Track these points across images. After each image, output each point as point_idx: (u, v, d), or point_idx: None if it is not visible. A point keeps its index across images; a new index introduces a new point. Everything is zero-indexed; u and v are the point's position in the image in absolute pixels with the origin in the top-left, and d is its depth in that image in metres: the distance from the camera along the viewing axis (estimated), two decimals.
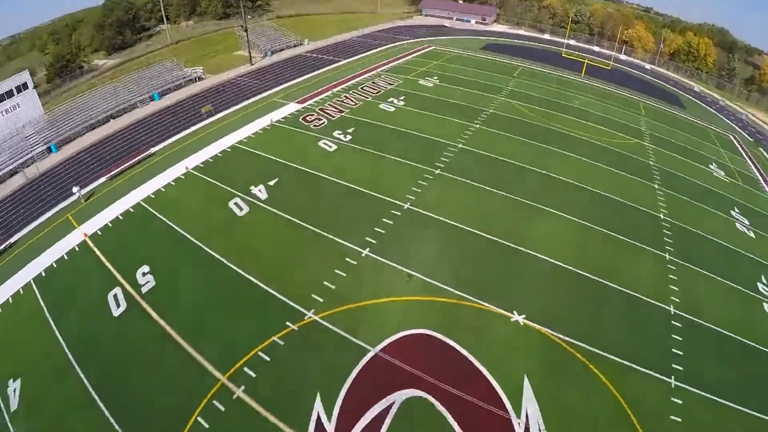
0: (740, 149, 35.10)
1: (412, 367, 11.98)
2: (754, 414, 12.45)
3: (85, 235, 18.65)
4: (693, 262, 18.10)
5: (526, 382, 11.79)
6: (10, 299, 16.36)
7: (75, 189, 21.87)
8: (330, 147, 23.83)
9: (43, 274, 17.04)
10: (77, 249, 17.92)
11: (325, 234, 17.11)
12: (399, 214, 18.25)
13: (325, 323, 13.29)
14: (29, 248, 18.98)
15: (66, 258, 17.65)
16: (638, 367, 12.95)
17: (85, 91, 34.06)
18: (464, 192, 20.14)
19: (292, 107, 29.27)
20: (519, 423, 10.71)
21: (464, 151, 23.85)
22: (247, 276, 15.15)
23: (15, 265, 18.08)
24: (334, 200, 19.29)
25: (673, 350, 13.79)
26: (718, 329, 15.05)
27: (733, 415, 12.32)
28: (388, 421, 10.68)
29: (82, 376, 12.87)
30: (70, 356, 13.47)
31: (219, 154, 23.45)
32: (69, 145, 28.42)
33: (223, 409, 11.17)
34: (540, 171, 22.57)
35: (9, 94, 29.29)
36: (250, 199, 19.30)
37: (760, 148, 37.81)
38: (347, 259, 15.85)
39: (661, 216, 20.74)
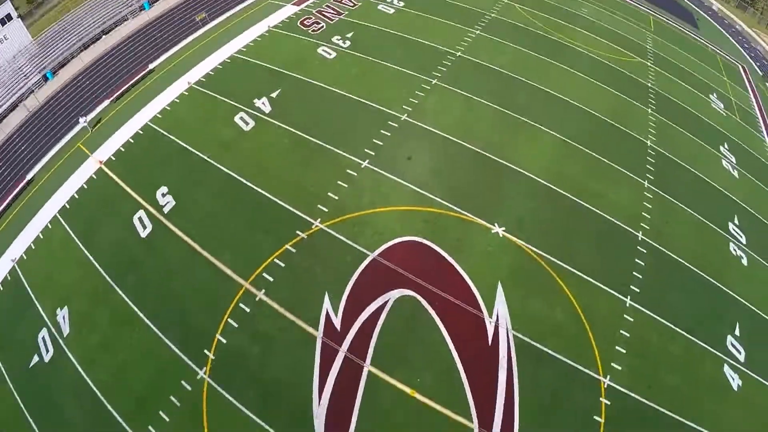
0: (746, 82, 33.73)
1: (404, 270, 13.88)
2: (697, 342, 14.67)
3: (100, 162, 19.14)
4: (670, 192, 19.24)
5: (499, 287, 13.76)
6: (41, 235, 17.65)
7: (81, 119, 21.68)
8: (329, 54, 23.16)
9: (67, 206, 18.02)
10: (95, 177, 18.62)
11: (328, 146, 17.72)
12: (396, 126, 18.68)
13: (330, 231, 14.80)
14: (47, 183, 19.69)
15: (86, 187, 18.47)
16: (599, 284, 14.93)
17: (71, 9, 30.97)
18: (459, 104, 20.17)
19: (289, 10, 27.49)
20: (491, 321, 12.85)
21: (462, 60, 23.12)
22: (259, 190, 16.27)
23: (37, 201, 19.00)
24: (334, 111, 19.62)
25: (634, 273, 15.65)
26: (681, 260, 16.81)
27: (677, 340, 14.58)
28: (383, 315, 12.79)
29: (122, 294, 14.74)
30: (108, 278, 15.20)
31: (219, 66, 22.82)
32: (65, 69, 27.04)
33: (248, 310, 13.13)
34: (535, 85, 22.15)
35: None
36: (255, 113, 19.48)
37: None
38: (348, 171, 16.85)
39: (648, 143, 21.15)
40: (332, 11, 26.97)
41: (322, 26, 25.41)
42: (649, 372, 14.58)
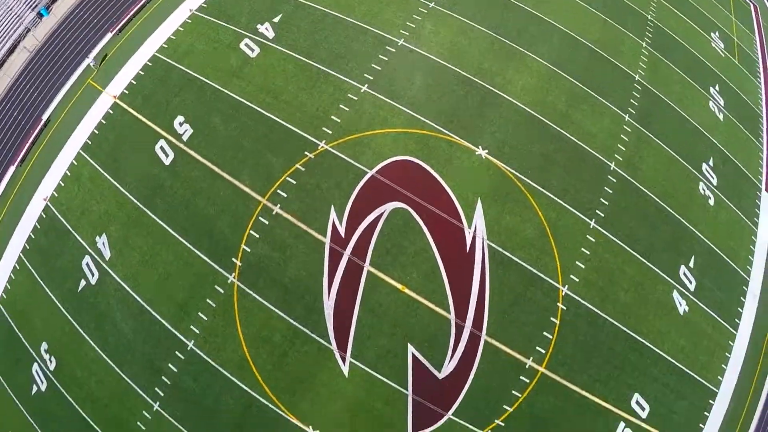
0: (755, 23, 31.60)
1: (398, 186, 15.69)
2: (651, 267, 16.90)
3: (114, 97, 19.51)
4: (649, 128, 20.30)
5: (479, 203, 15.64)
6: (68, 172, 18.70)
7: (88, 60, 21.11)
8: None
9: (89, 142, 18.82)
10: (111, 112, 19.14)
11: (330, 71, 18.27)
12: (394, 50, 19.14)
13: (334, 151, 16.43)
14: (64, 122, 20.10)
15: (104, 122, 19.10)
16: (568, 206, 16.81)
17: None
18: (454, 29, 20.14)
19: None
20: (469, 232, 14.92)
21: None
22: (269, 115, 17.38)
23: (58, 141, 19.59)
24: (335, 36, 19.80)
25: (601, 199, 17.43)
26: (648, 192, 18.51)
27: (633, 262, 16.80)
28: (380, 224, 14.84)
29: (153, 216, 16.43)
30: (139, 204, 16.89)
31: None
32: (58, 5, 25.07)
33: (267, 223, 15.11)
34: (531, 11, 21.64)
35: None
36: (259, 39, 19.63)
37: None
38: (349, 95, 17.75)
39: (636, 77, 21.45)
40: None
41: None
42: (604, 287, 17.11)
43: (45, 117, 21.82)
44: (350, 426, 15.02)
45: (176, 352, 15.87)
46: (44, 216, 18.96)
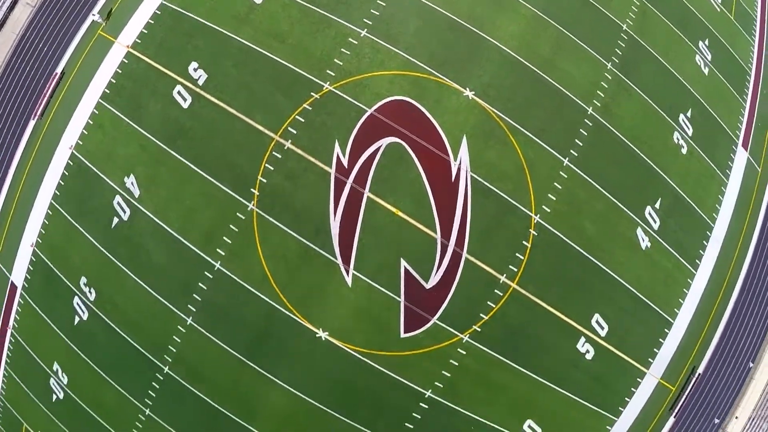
0: None
1: (394, 123, 18.98)
2: (618, 204, 20.29)
3: (127, 47, 21.62)
4: (630, 76, 23.17)
5: (464, 139, 19.11)
6: (90, 120, 21.25)
7: (93, 16, 22.99)
8: None
9: (107, 91, 21.14)
10: (126, 61, 21.39)
11: (331, 16, 21.04)
12: None
13: (337, 92, 19.41)
14: (80, 73, 22.32)
15: (120, 72, 21.30)
16: (544, 145, 20.22)
17: None
18: None
19: None
20: (454, 164, 18.60)
21: None
22: (276, 58, 20.12)
23: (76, 92, 21.95)
24: None
25: (576, 140, 20.84)
26: (621, 137, 21.76)
27: (602, 199, 20.39)
28: (377, 157, 18.46)
29: (177, 155, 19.63)
30: (162, 145, 19.92)
31: None
32: None
33: (279, 156, 18.68)
34: None
35: None
36: None
37: None
38: (350, 39, 20.51)
39: (624, 26, 23.28)
40: None
41: None
42: (572, 218, 20.94)
43: (59, 70, 24.13)
44: (353, 328, 19.46)
45: (205, 273, 19.91)
46: (71, 164, 21.92)
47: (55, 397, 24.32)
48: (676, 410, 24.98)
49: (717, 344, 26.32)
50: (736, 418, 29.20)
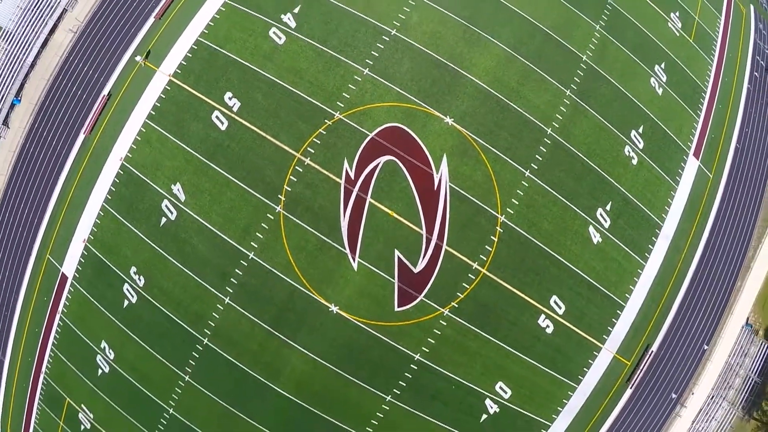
0: (725, 3, 40.30)
1: (389, 144, 28.50)
2: (572, 207, 29.76)
3: (169, 75, 30.95)
4: (587, 101, 32.69)
5: (444, 156, 28.66)
6: (138, 137, 30.55)
7: (137, 58, 31.79)
8: None
9: (153, 113, 30.36)
10: (169, 88, 30.67)
11: (341, 57, 30.59)
12: (388, 40, 30.64)
13: (345, 119, 28.77)
14: (126, 96, 31.53)
15: (164, 97, 30.45)
16: (509, 160, 29.79)
17: None
18: (435, 20, 31.22)
19: None
20: (437, 176, 28.24)
21: None
22: (297, 91, 29.38)
23: (123, 112, 31.18)
24: (343, 26, 30.86)
25: (536, 156, 30.49)
26: (577, 152, 31.33)
27: (558, 203, 29.98)
28: (377, 171, 27.98)
29: (216, 168, 28.92)
30: (204, 159, 29.14)
31: None
32: None
33: (301, 170, 27.96)
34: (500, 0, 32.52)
35: None
36: (284, 28, 31.08)
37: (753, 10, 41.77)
38: (355, 77, 29.90)
39: (584, 57, 32.42)
40: None
41: None
42: (531, 218, 30.47)
43: (105, 92, 33.48)
44: (358, 303, 28.91)
45: (241, 261, 29.43)
46: (121, 173, 31.21)
47: (100, 371, 33.84)
48: (633, 383, 34.89)
49: (670, 326, 35.95)
50: (693, 394, 39.07)
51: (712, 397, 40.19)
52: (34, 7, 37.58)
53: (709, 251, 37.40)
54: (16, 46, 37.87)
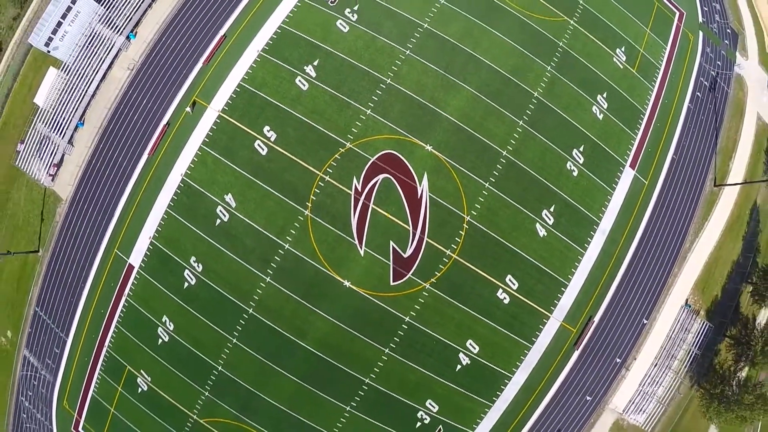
0: (672, 32, 61.45)
1: (385, 166, 51.01)
2: (522, 209, 51.95)
3: (219, 111, 54.68)
4: (535, 128, 55.92)
5: (425, 174, 51.82)
6: (195, 158, 51.99)
7: (188, 109, 55.55)
8: (344, 28, 57.96)
9: (207, 139, 51.57)
10: (219, 121, 52.10)
11: (350, 101, 53.83)
12: (384, 87, 51.29)
13: (354, 148, 49.98)
14: (183, 126, 53.28)
15: (215, 128, 51.55)
16: (472, 175, 51.62)
17: None
18: (419, 71, 53.34)
19: None
20: (419, 188, 51.90)
21: (428, 32, 55.61)
22: (318, 127, 49.83)
23: (182, 138, 53.44)
24: (351, 76, 52.14)
25: (494, 172, 53.92)
26: (527, 168, 54.37)
27: (510, 207, 50.78)
28: (377, 186, 51.09)
29: (260, 183, 50.30)
30: (250, 176, 50.29)
31: (274, 36, 54.15)
32: (142, 27, 59.86)
33: (323, 184, 49.11)
34: (471, 52, 54.34)
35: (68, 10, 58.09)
36: (307, 77, 51.70)
37: (702, 36, 65.25)
38: (361, 116, 53.04)
39: (535, 94, 53.15)
40: None
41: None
42: (491, 218, 52.12)
43: (164, 121, 58.87)
44: (364, 279, 50.67)
45: (279, 251, 51.70)
46: (182, 185, 51.96)
47: (160, 341, 57.76)
48: (578, 346, 59.88)
49: (610, 302, 59.61)
50: (635, 359, 63.80)
51: (656, 365, 62.92)
52: (91, 45, 59.95)
53: (645, 243, 60.53)
54: (75, 78, 60.47)
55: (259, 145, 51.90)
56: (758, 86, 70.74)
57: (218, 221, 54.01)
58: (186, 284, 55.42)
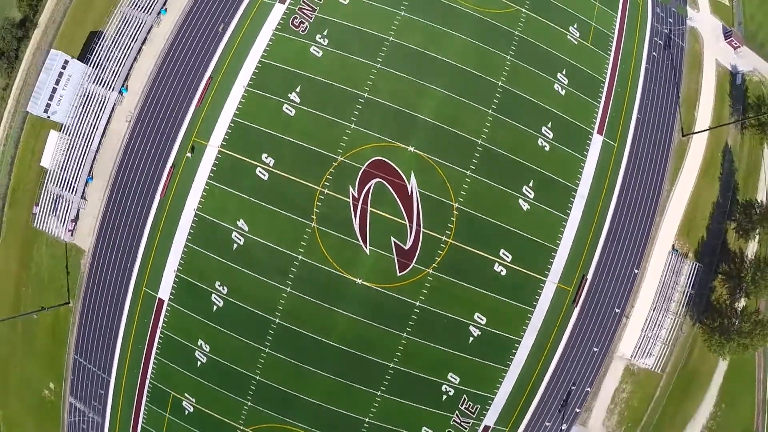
0: (620, 3, 72.60)
1: (376, 171, 62.25)
2: (503, 189, 62.43)
3: (218, 147, 64.71)
4: (505, 114, 65.22)
5: (412, 173, 63.01)
6: (204, 192, 64.26)
7: (188, 154, 67.10)
8: (318, 53, 70.12)
9: (212, 174, 62.75)
10: (220, 156, 62.83)
11: (335, 119, 65.21)
12: (363, 101, 61.30)
13: (345, 159, 61.14)
14: (188, 166, 66.19)
15: (218, 162, 63.56)
16: (454, 166, 61.30)
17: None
18: (394, 82, 65.49)
19: (279, 9, 73.85)
20: (409, 186, 64.59)
21: (395, 45, 67.84)
22: (311, 147, 60.58)
23: (189, 176, 65.96)
24: (333, 96, 62.47)
25: (473, 160, 65.88)
26: (501, 152, 65.57)
27: (493, 189, 61.41)
28: (371, 189, 62.90)
29: (267, 205, 60.60)
30: (256, 201, 62.17)
31: (256, 71, 66.03)
32: (133, 80, 74.56)
33: (323, 197, 58.60)
34: (441, 58, 66.72)
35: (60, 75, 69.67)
36: (293, 103, 62.52)
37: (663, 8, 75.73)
38: (347, 131, 64.78)
39: (500, 83, 63.61)
40: (308, 8, 70.35)
41: (306, 25, 68.37)
42: (476, 200, 61.75)
43: (169, 164, 71.66)
44: (373, 275, 61.46)
45: (294, 262, 62.14)
46: (196, 219, 61.67)
47: (199, 363, 69.21)
48: (577, 302, 73.51)
49: (599, 259, 71.02)
50: (633, 307, 76.92)
51: (654, 309, 73.86)
52: (87, 104, 70.94)
53: (623, 200, 71.01)
54: (77, 137, 71.12)
55: (260, 171, 64.44)
56: (713, 34, 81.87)
57: (235, 246, 65.60)
58: (215, 307, 67.14)
